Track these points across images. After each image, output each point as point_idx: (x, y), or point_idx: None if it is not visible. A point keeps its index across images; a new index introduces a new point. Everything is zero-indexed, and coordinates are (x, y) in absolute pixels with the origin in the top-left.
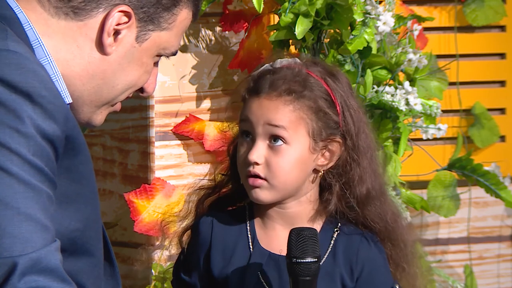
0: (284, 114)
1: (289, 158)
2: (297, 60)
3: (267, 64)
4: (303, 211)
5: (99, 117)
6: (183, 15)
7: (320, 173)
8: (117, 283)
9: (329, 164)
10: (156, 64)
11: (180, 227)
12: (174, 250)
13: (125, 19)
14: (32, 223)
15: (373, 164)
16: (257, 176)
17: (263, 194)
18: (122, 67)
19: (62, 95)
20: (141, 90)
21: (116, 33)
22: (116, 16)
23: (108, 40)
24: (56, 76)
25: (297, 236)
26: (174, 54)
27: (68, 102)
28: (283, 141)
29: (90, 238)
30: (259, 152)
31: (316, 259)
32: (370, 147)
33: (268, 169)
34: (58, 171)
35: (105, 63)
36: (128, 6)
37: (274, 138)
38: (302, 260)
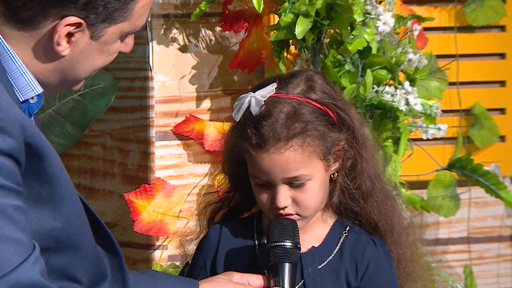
0: (297, 162)
1: (314, 189)
2: (275, 85)
3: (249, 99)
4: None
5: (78, 87)
6: (142, 3)
7: (334, 177)
8: (123, 276)
9: (338, 166)
10: (125, 36)
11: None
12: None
13: (75, 27)
14: (2, 242)
15: (374, 153)
16: (288, 214)
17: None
18: (81, 61)
19: (31, 85)
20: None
21: (69, 35)
22: (64, 30)
23: (59, 47)
24: (21, 70)
25: (276, 224)
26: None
27: (38, 92)
28: (304, 180)
29: (72, 233)
30: (284, 196)
31: (292, 245)
32: (368, 137)
33: (298, 206)
34: (27, 176)
35: (62, 62)
36: (76, 16)
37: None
38: (279, 244)
